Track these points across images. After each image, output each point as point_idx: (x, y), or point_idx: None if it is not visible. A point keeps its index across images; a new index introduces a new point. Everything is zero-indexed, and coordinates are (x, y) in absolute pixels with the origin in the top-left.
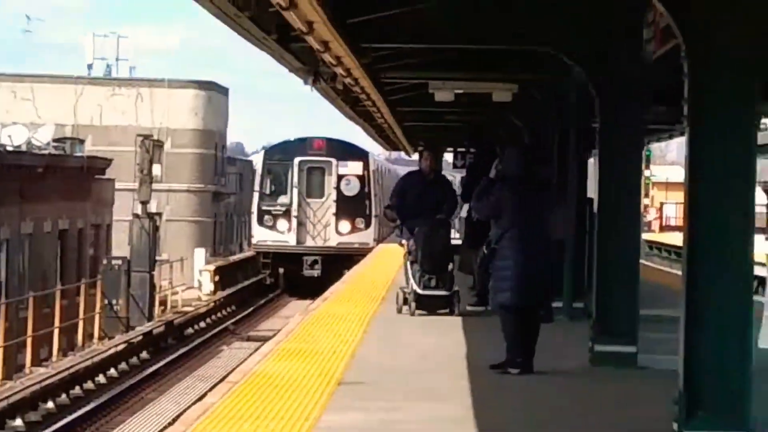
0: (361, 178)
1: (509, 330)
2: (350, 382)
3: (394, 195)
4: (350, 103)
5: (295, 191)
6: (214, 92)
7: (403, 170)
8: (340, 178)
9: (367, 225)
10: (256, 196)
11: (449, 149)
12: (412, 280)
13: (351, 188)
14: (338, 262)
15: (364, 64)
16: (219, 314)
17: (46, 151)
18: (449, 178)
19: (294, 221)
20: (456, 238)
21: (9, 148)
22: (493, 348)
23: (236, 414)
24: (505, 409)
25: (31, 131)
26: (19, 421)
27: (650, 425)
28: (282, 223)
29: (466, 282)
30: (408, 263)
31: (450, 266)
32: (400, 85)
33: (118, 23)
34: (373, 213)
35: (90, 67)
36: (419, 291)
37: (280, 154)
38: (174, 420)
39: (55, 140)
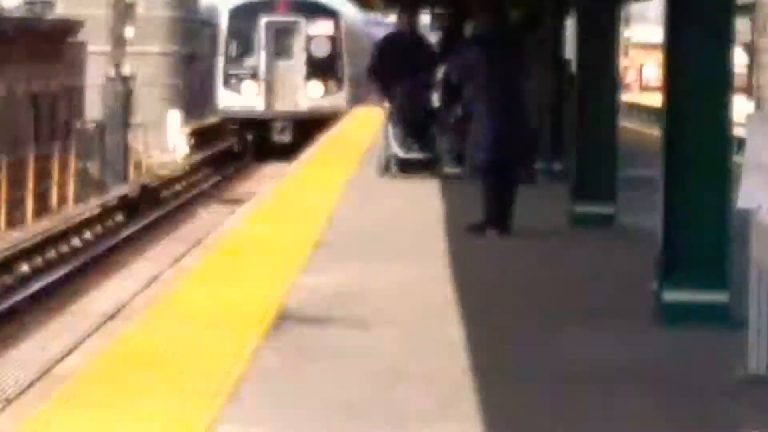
0: (332, 38)
1: (487, 190)
2: (328, 243)
3: (373, 58)
4: None
5: (263, 53)
6: None
7: (381, 32)
8: (309, 38)
9: (340, 87)
10: (221, 59)
11: (426, 10)
12: (393, 143)
13: (321, 49)
14: (310, 127)
15: None
16: (195, 177)
17: (16, 14)
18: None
19: (262, 85)
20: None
21: None
22: (473, 211)
23: (213, 275)
24: (482, 269)
25: None
26: None
27: (629, 284)
28: (249, 87)
29: (443, 144)
30: (389, 126)
31: (432, 129)
32: None
33: None
34: (346, 75)
35: None
36: (401, 154)
37: (245, 14)
38: (150, 282)
39: (25, 2)
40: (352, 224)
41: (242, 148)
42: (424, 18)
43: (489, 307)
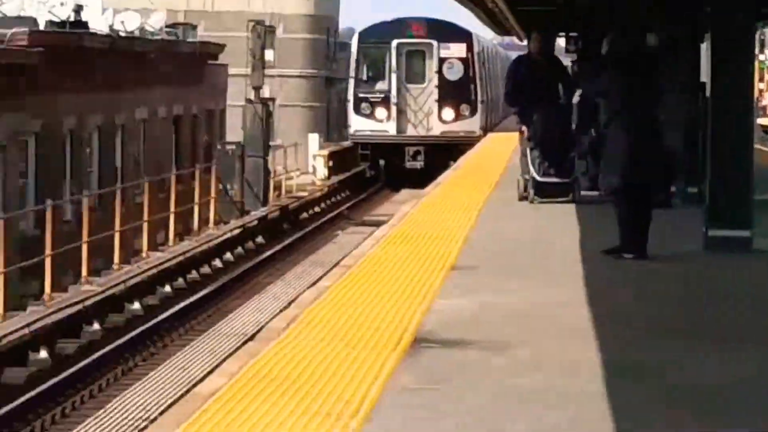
0: (464, 60)
1: (622, 214)
2: (464, 266)
3: (509, 81)
4: None
5: (394, 77)
6: None
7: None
8: (441, 61)
9: (473, 112)
10: (351, 82)
11: (561, 33)
12: (531, 167)
13: (454, 72)
14: (442, 152)
15: None
16: (333, 199)
17: (158, 37)
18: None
19: (394, 109)
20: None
21: (122, 34)
22: (610, 234)
23: (350, 298)
24: (617, 294)
25: (144, 17)
26: (137, 305)
27: (766, 308)
28: (381, 112)
29: (580, 167)
30: (527, 150)
31: (570, 153)
32: None
33: None
34: (479, 99)
35: None
36: (538, 178)
37: (376, 36)
38: (289, 304)
39: (167, 26)
40: (488, 247)
41: (375, 173)
42: (560, 41)
43: (623, 330)
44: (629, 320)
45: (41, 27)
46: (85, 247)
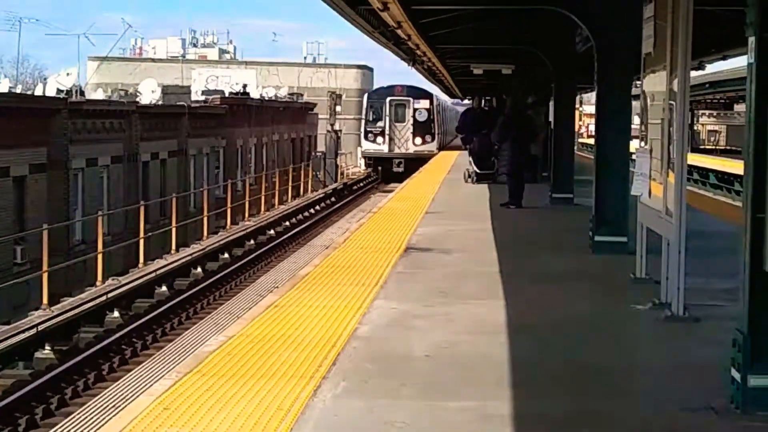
0: (428, 110)
1: (510, 186)
2: (432, 212)
3: (460, 122)
4: (431, 74)
5: (387, 119)
6: (366, 70)
7: (461, 108)
8: (415, 110)
9: (433, 139)
10: (363, 122)
11: (486, 96)
12: (472, 165)
13: (422, 116)
14: (414, 162)
15: (438, 55)
16: (369, 180)
17: (284, 100)
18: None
19: (387, 137)
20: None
21: (266, 98)
22: (503, 195)
23: (376, 226)
24: (506, 224)
25: (277, 90)
26: (272, 231)
27: (579, 230)
28: (379, 139)
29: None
30: (470, 156)
31: (491, 158)
32: (457, 66)
33: (318, 33)
34: (436, 132)
35: (305, 58)
36: (476, 170)
37: (377, 95)
38: (346, 230)
39: (288, 94)
40: (445, 203)
41: (375, 174)
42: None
43: (511, 242)
44: (512, 238)
45: (226, 95)
46: (246, 203)
